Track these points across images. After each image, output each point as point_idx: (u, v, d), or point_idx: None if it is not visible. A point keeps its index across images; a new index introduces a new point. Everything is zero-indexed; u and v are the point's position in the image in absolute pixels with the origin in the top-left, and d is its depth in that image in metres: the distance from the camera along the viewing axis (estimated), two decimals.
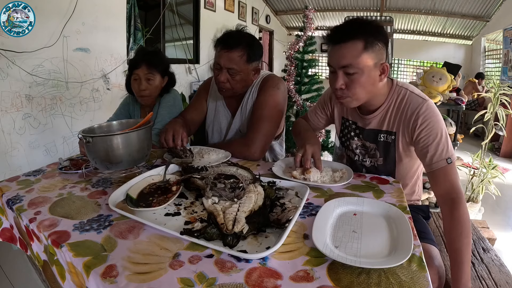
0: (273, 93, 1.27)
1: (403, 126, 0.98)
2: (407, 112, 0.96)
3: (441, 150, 0.91)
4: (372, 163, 1.09)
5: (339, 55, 0.90)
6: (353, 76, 0.90)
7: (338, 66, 0.91)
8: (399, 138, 1.00)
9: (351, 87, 0.92)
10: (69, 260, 0.62)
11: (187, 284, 0.53)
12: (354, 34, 0.88)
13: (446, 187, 0.91)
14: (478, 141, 3.77)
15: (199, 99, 1.44)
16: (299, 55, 2.97)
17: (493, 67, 6.19)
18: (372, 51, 0.89)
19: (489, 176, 2.39)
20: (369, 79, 0.91)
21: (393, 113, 1.00)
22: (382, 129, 1.03)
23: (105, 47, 2.84)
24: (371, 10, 6.74)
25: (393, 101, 1.00)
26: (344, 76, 0.91)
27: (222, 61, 1.19)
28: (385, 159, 1.05)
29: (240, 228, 0.64)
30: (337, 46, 0.91)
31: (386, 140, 1.03)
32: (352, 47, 0.88)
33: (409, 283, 0.53)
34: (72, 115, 2.59)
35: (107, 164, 0.93)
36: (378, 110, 1.02)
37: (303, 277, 0.55)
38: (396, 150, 1.02)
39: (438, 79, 2.20)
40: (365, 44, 0.88)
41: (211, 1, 4.69)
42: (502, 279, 1.01)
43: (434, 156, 0.92)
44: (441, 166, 0.91)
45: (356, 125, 1.10)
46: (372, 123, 1.04)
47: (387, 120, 1.01)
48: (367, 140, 1.07)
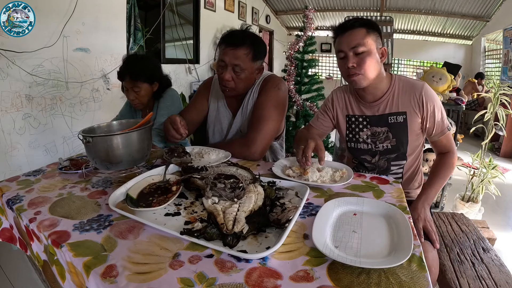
0: (274, 94, 1.27)
1: (412, 103, 1.11)
2: (414, 91, 1.11)
3: (443, 122, 1.11)
4: (386, 146, 1.17)
5: (348, 39, 1.05)
6: (362, 55, 1.05)
7: (349, 47, 1.05)
8: (411, 115, 1.11)
9: (361, 64, 1.05)
10: (69, 260, 0.62)
11: (187, 284, 0.53)
12: (356, 24, 1.07)
13: (445, 147, 1.15)
14: (478, 141, 3.77)
15: (199, 98, 1.43)
16: (299, 55, 2.97)
17: (493, 67, 6.19)
18: (373, 36, 1.06)
19: (489, 176, 2.39)
20: (374, 59, 1.06)
21: (399, 95, 1.13)
22: (392, 112, 1.13)
23: (105, 47, 2.84)
24: (371, 10, 6.74)
25: (396, 86, 1.13)
26: (354, 56, 1.05)
27: (227, 58, 1.19)
28: (398, 139, 1.15)
29: (240, 228, 0.64)
30: (346, 33, 1.06)
31: (397, 121, 1.13)
32: (358, 32, 1.05)
33: (409, 283, 0.53)
34: (72, 115, 2.59)
35: (107, 164, 0.93)
36: (384, 95, 1.13)
37: (303, 277, 0.55)
38: (409, 128, 1.13)
39: (438, 79, 2.20)
40: (367, 30, 1.05)
41: (211, 1, 4.69)
42: (502, 279, 1.01)
43: (439, 128, 1.12)
44: (444, 134, 1.13)
45: (363, 117, 1.19)
46: (380, 108, 1.15)
47: (395, 102, 1.13)
48: (378, 126, 1.16)
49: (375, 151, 1.19)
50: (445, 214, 1.51)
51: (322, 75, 8.39)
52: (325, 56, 8.57)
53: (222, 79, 1.22)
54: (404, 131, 1.13)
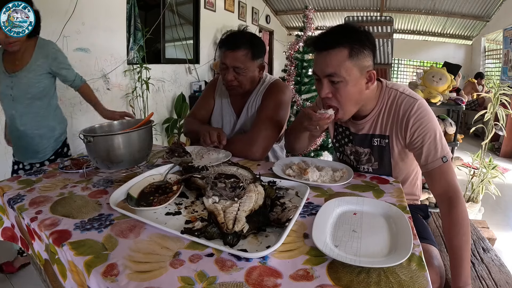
0: (279, 98, 1.30)
1: (396, 128, 0.97)
2: (399, 113, 0.95)
3: (435, 150, 0.90)
4: (367, 168, 1.08)
5: (323, 63, 0.88)
6: (338, 85, 0.89)
7: (323, 75, 0.89)
8: (393, 141, 0.98)
9: (337, 96, 0.91)
10: (70, 259, 0.62)
11: (188, 283, 0.53)
12: (339, 41, 0.86)
13: (443, 186, 0.90)
14: (478, 141, 3.77)
15: (206, 97, 1.47)
16: (299, 55, 2.97)
17: (493, 67, 6.20)
18: (357, 59, 0.87)
19: (489, 176, 2.39)
20: (355, 88, 0.90)
21: (384, 116, 0.98)
22: (376, 133, 1.01)
23: (105, 47, 2.84)
24: (371, 10, 6.74)
25: (383, 104, 0.98)
26: (329, 85, 0.90)
27: (228, 61, 1.23)
28: (380, 163, 1.04)
29: (240, 227, 0.65)
30: (322, 54, 0.89)
31: (380, 144, 1.01)
32: (337, 55, 0.86)
33: (409, 282, 0.54)
34: (72, 115, 2.59)
35: (108, 164, 0.93)
36: (369, 115, 1.00)
37: (303, 276, 0.55)
38: (391, 153, 1.00)
39: (438, 79, 2.20)
40: (350, 51, 0.86)
41: (211, 1, 4.69)
42: (502, 279, 1.01)
43: (429, 156, 0.91)
44: (437, 166, 0.90)
45: (349, 131, 1.08)
46: (365, 128, 1.02)
47: (380, 124, 1.00)
48: (361, 146, 1.06)
49: (358, 167, 1.09)
50: None
51: None
52: None
53: (225, 80, 1.27)
54: (386, 156, 1.01)
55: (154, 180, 0.91)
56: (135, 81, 3.23)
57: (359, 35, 0.88)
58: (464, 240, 0.82)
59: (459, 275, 0.80)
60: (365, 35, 0.89)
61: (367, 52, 0.88)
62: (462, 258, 0.81)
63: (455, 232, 0.84)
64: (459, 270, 0.80)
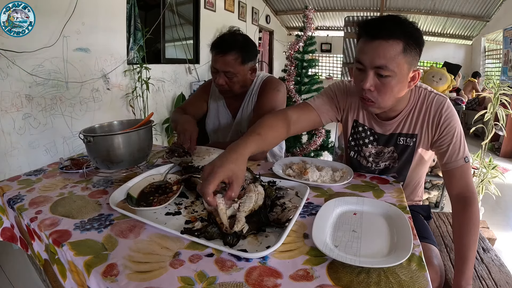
0: (274, 95, 1.29)
1: (426, 126, 0.94)
2: (430, 111, 0.93)
3: (459, 149, 0.90)
4: (387, 165, 1.03)
5: (375, 53, 0.80)
6: (385, 79, 0.82)
7: (372, 65, 0.82)
8: (421, 140, 0.96)
9: (381, 91, 0.84)
10: (70, 259, 0.62)
11: (188, 283, 0.53)
12: (395, 33, 0.79)
13: (462, 186, 0.90)
14: (478, 141, 3.76)
15: (199, 99, 1.46)
16: (299, 55, 2.97)
17: (493, 67, 6.20)
18: (410, 55, 0.81)
19: (489, 176, 2.39)
20: (400, 85, 0.84)
21: (414, 115, 0.95)
22: (403, 132, 0.98)
23: (105, 47, 2.84)
24: (371, 10, 6.75)
25: (414, 104, 0.95)
26: (375, 77, 0.83)
27: (218, 65, 1.23)
28: (401, 161, 1.01)
29: (240, 228, 0.65)
30: (374, 43, 0.81)
31: (405, 143, 0.98)
32: (391, 47, 0.79)
33: (409, 282, 0.54)
34: (72, 115, 2.59)
35: (108, 164, 0.93)
36: (400, 114, 0.96)
37: (303, 276, 0.55)
38: (415, 152, 0.98)
39: (438, 79, 2.20)
40: (405, 46, 0.80)
41: (211, 1, 4.69)
42: (502, 279, 1.01)
43: (453, 155, 0.90)
44: (459, 165, 0.89)
45: (372, 131, 1.03)
46: (393, 127, 0.99)
47: (408, 123, 0.97)
48: (386, 146, 1.01)
49: (373, 169, 1.05)
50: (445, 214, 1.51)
51: (322, 75, 8.40)
52: (325, 56, 8.59)
53: (216, 84, 1.27)
54: (408, 154, 0.99)
55: (154, 180, 0.90)
56: (135, 81, 3.23)
57: (415, 31, 0.82)
58: (473, 240, 0.83)
59: (463, 274, 0.80)
60: (419, 33, 0.84)
61: (418, 50, 0.84)
62: (468, 257, 0.81)
63: (466, 230, 0.84)
64: (463, 269, 0.80)
